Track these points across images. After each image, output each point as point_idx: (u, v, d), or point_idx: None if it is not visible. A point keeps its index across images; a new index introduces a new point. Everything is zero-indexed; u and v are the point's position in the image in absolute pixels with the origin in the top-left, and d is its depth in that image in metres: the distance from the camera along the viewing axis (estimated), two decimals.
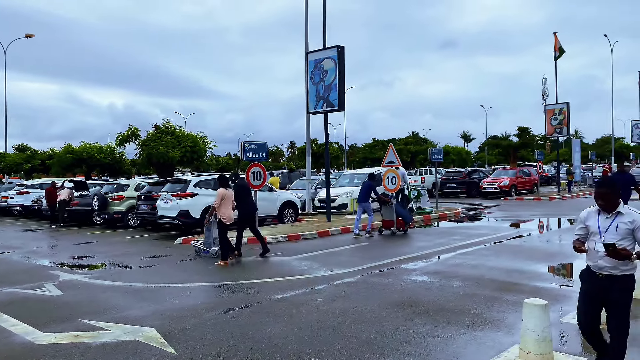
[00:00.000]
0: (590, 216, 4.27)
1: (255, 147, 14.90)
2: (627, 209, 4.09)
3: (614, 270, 4.05)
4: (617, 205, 4.10)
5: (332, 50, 16.53)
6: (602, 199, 4.11)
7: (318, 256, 10.96)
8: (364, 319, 6.22)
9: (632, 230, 4.01)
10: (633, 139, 52.01)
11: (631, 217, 4.03)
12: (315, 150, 53.97)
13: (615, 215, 4.09)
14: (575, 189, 33.29)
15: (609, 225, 4.09)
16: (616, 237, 4.01)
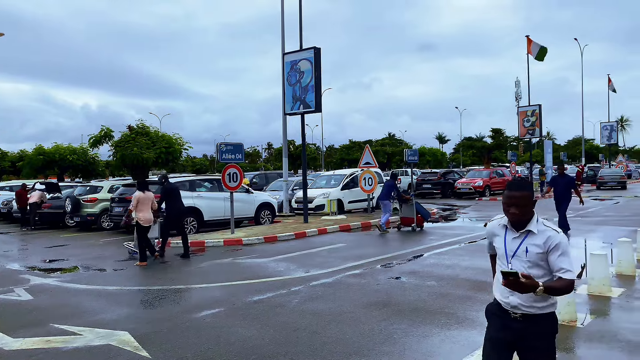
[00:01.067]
0: (496, 231, 3.22)
1: (231, 149, 14.84)
2: (541, 225, 3.03)
3: (532, 309, 2.99)
4: (530, 220, 3.04)
5: (309, 51, 16.55)
6: (515, 206, 3.00)
7: (295, 257, 10.96)
8: (340, 319, 6.24)
9: (545, 254, 2.96)
10: (602, 140, 53.46)
11: (544, 235, 2.98)
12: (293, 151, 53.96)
13: (525, 235, 3.03)
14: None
15: (517, 247, 3.04)
16: (525, 265, 3.00)
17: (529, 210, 3.04)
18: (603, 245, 11.18)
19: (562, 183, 12.97)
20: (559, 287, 2.88)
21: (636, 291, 7.21)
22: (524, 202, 3.01)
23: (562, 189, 12.94)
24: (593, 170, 42.02)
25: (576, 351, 5.01)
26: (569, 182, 13.03)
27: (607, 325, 5.76)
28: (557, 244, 2.95)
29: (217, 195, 15.68)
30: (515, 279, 2.79)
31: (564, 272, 2.90)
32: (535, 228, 3.03)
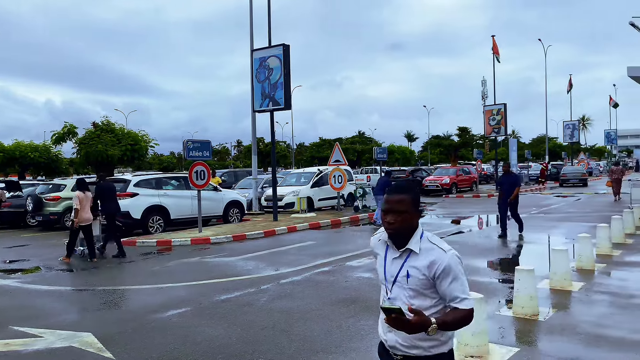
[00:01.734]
0: (377, 249, 2.57)
1: (198, 146, 14.67)
2: (425, 242, 2.38)
3: (415, 350, 2.37)
4: (412, 234, 2.39)
5: (278, 48, 16.47)
6: (391, 214, 2.37)
7: (264, 256, 10.90)
8: (308, 317, 6.24)
9: (432, 281, 2.33)
10: (565, 139, 54.98)
11: (428, 256, 2.33)
12: (262, 149, 53.69)
13: (407, 254, 2.38)
14: None
15: (398, 271, 2.39)
16: (407, 295, 2.36)
17: (410, 221, 2.36)
18: (565, 241, 11.51)
19: (508, 182, 12.94)
20: (456, 321, 2.30)
21: (595, 285, 7.44)
22: (402, 208, 2.34)
23: (509, 188, 12.88)
24: (556, 168, 43.17)
25: (538, 344, 5.14)
26: (515, 180, 13.07)
27: (567, 318, 5.93)
28: (445, 269, 2.30)
29: (184, 194, 15.47)
30: (398, 315, 2.15)
31: (459, 301, 2.30)
32: (417, 246, 2.36)
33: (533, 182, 39.51)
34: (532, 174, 41.12)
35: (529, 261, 9.00)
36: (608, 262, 9.03)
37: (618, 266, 8.73)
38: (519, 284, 6.01)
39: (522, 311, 5.96)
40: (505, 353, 4.80)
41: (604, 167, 58.36)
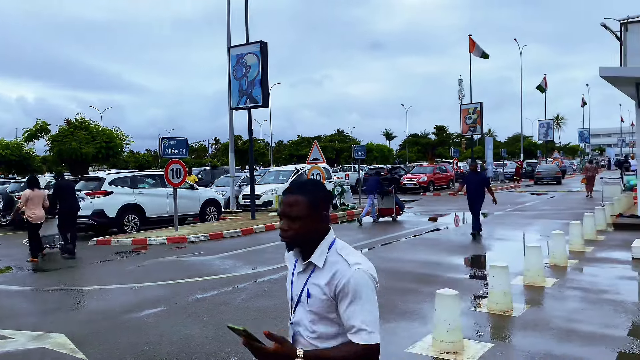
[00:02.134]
0: (289, 259, 2.12)
1: (174, 143, 14.51)
2: (333, 254, 1.93)
3: None
4: (316, 243, 1.95)
5: (255, 45, 16.37)
6: (286, 219, 1.94)
7: (241, 254, 10.84)
8: (285, 315, 6.22)
9: (334, 300, 1.88)
10: (540, 137, 55.96)
11: (331, 269, 1.89)
12: (240, 146, 53.33)
13: (311, 269, 1.95)
14: None
15: (302, 288, 1.97)
16: (309, 319, 1.94)
17: (308, 229, 1.91)
18: (539, 238, 11.71)
19: (475, 181, 12.45)
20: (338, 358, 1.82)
21: (568, 281, 7.58)
22: (297, 212, 1.90)
23: (475, 187, 12.40)
24: (531, 166, 43.92)
25: (512, 340, 5.22)
26: (482, 180, 12.56)
27: (540, 314, 6.03)
28: (344, 287, 1.83)
29: (159, 192, 15.28)
30: (247, 339, 1.85)
31: (355, 331, 1.83)
32: (322, 258, 1.92)
33: (508, 180, 40.14)
34: (508, 172, 41.74)
35: (504, 258, 9.12)
36: (580, 258, 9.21)
37: (590, 262, 8.91)
38: (493, 280, 6.09)
39: (496, 307, 6.04)
40: (479, 349, 4.86)
41: (577, 166, 59.65)
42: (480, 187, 12.33)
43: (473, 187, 12.42)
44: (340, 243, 2.00)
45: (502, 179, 39.87)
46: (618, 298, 6.58)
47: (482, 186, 12.37)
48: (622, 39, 13.97)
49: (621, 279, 7.74)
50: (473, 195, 12.43)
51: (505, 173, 41.24)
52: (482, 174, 13.19)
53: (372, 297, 1.88)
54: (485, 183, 12.53)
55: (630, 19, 13.83)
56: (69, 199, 11.40)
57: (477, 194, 12.34)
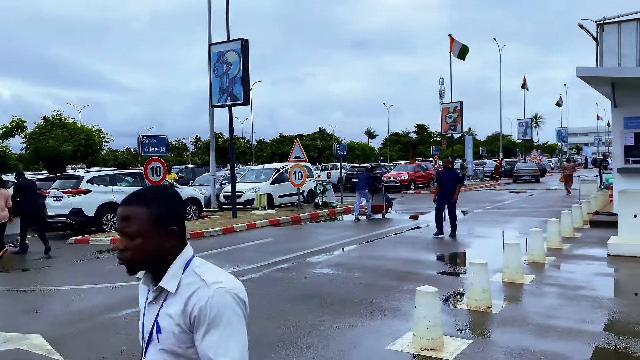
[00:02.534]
0: (141, 288, 1.72)
1: (154, 141, 14.36)
2: (190, 275, 1.56)
3: None
4: (166, 265, 1.58)
5: (236, 43, 16.28)
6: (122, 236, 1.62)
7: (222, 253, 10.78)
8: (266, 314, 6.21)
9: (190, 331, 1.51)
10: (518, 136, 56.68)
11: (186, 293, 1.53)
12: (221, 144, 53.02)
13: (163, 297, 1.58)
14: (468, 182, 35.56)
15: (153, 322, 1.59)
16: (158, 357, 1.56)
17: (149, 248, 1.56)
18: (517, 235, 11.87)
19: (449, 178, 12.29)
20: None
21: (545, 278, 7.70)
22: (136, 228, 1.56)
23: (449, 185, 12.23)
24: (510, 165, 44.51)
25: (491, 336, 5.28)
26: (455, 177, 12.45)
27: (519, 310, 6.11)
28: (201, 311, 1.48)
29: None
30: None
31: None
32: (174, 282, 1.55)
33: (488, 178, 40.62)
34: (487, 171, 42.24)
35: (483, 255, 9.21)
36: (558, 255, 9.37)
37: (567, 259, 9.07)
38: (472, 277, 6.15)
39: (475, 304, 6.11)
40: (459, 345, 4.90)
41: (555, 164, 60.67)
42: (453, 184, 12.19)
43: (447, 185, 12.23)
44: (198, 260, 1.61)
45: (482, 177, 40.34)
46: (594, 294, 6.70)
47: (456, 183, 12.25)
48: (598, 39, 14.23)
49: (597, 275, 7.89)
50: (447, 193, 12.24)
51: (485, 171, 41.74)
52: (455, 171, 12.98)
53: (236, 324, 1.49)
54: (458, 180, 12.46)
55: (606, 20, 14.09)
56: (30, 198, 11.25)
57: (452, 191, 12.17)
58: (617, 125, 13.95)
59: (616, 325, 5.49)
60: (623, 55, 13.92)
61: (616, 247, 9.12)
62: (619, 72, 13.04)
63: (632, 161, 13.68)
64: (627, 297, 6.82)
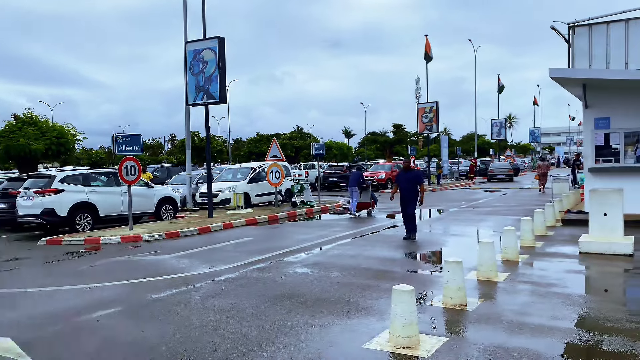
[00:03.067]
0: None
1: (129, 140, 14.15)
2: None
3: None
4: None
5: (212, 41, 16.14)
6: None
7: (198, 253, 10.68)
8: (242, 314, 6.17)
9: None
10: (493, 136, 57.53)
11: None
12: (197, 143, 52.52)
13: None
14: (444, 181, 35.97)
15: None
16: None
17: None
18: (492, 234, 12.05)
19: (407, 179, 11.49)
20: None
21: (519, 275, 7.83)
22: None
23: (408, 186, 11.48)
24: (485, 164, 45.16)
25: (466, 333, 5.34)
26: (415, 178, 11.55)
27: (493, 308, 6.20)
28: None
29: (113, 190, 14.86)
30: None
31: None
32: None
33: (463, 178, 41.19)
34: (462, 170, 42.85)
35: (458, 253, 9.34)
36: (531, 253, 9.54)
37: (540, 257, 9.24)
38: (448, 275, 6.22)
39: (451, 302, 6.17)
40: (435, 343, 4.95)
41: (529, 164, 61.82)
42: (413, 186, 11.42)
43: (405, 186, 11.49)
44: None
45: (457, 176, 40.90)
46: (566, 291, 6.84)
47: (415, 184, 11.45)
48: (570, 41, 14.53)
49: (569, 272, 8.06)
50: (406, 194, 11.49)
51: (460, 171, 42.32)
52: (416, 172, 11.95)
53: None
54: (418, 181, 11.55)
55: (577, 23, 14.39)
56: None
57: (411, 193, 11.42)
58: (588, 126, 14.27)
59: (587, 321, 5.62)
60: (594, 57, 14.25)
61: (587, 245, 9.33)
62: (589, 74, 13.35)
63: (602, 161, 14.02)
64: (598, 293, 6.98)
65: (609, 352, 4.68)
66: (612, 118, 13.79)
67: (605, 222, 9.28)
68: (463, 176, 41.70)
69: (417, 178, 11.57)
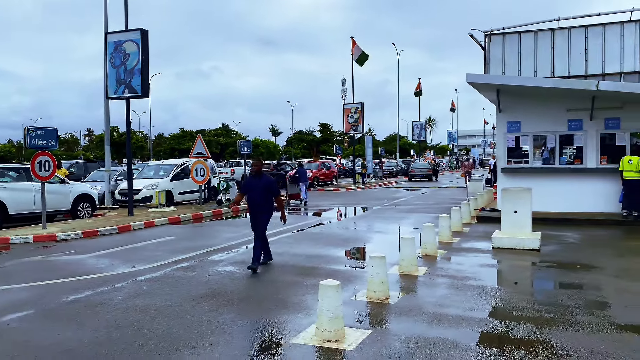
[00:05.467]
0: None
1: (42, 134, 13.34)
2: None
3: None
4: None
5: (135, 33, 15.55)
6: None
7: (118, 252, 10.28)
8: (166, 313, 6.04)
9: None
10: (414, 137, 59.67)
11: None
12: (117, 139, 50.36)
13: None
14: (368, 180, 36.89)
15: None
16: None
17: None
18: (412, 230, 12.54)
19: (260, 187, 8.47)
20: None
21: (437, 269, 8.22)
22: None
23: (259, 197, 8.50)
24: (406, 164, 46.86)
25: (388, 325, 5.55)
26: (268, 186, 8.57)
27: (414, 300, 6.48)
28: None
29: (25, 186, 13.95)
30: None
31: None
32: None
33: (386, 177, 42.54)
34: (386, 170, 44.35)
35: (382, 249, 9.64)
36: (448, 248, 10.03)
37: (456, 252, 9.74)
38: (372, 270, 6.43)
39: (374, 296, 6.38)
40: (359, 336, 5.10)
41: (447, 164, 64.90)
42: (265, 197, 8.55)
43: (255, 197, 8.53)
44: None
45: (381, 175, 42.18)
46: (480, 284, 7.27)
47: (269, 195, 8.60)
48: (486, 48, 15.39)
49: (483, 266, 8.56)
50: (256, 207, 8.56)
51: (384, 170, 43.70)
52: (267, 178, 8.84)
53: None
54: (272, 190, 8.62)
55: (493, 31, 15.28)
56: None
57: (262, 206, 8.54)
58: (501, 129, 15.19)
59: (499, 311, 6.01)
60: (507, 65, 15.20)
61: (499, 241, 9.95)
62: (502, 80, 14.23)
63: (513, 162, 14.98)
64: (508, 285, 7.48)
65: (518, 339, 5.04)
66: (522, 122, 14.77)
67: (516, 219, 9.94)
68: (386, 175, 43.36)
69: (270, 187, 8.61)
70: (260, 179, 8.60)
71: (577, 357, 4.51)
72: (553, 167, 14.48)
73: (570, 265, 8.38)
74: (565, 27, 14.72)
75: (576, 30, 14.60)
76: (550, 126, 14.45)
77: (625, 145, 13.80)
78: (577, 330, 5.23)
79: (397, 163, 50.84)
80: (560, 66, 14.68)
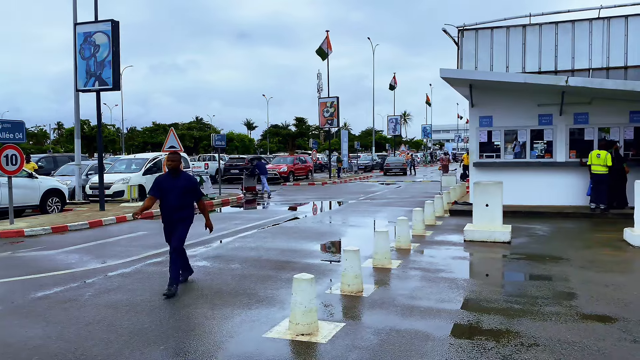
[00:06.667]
0: None
1: (9, 127, 13.00)
2: None
3: None
4: None
5: (106, 24, 15.23)
6: None
7: (89, 248, 10.10)
8: (138, 309, 5.96)
9: None
10: (389, 132, 60.05)
11: None
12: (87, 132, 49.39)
13: None
14: (344, 174, 36.99)
15: None
16: None
17: None
18: (386, 224, 12.63)
19: (178, 188, 6.77)
20: None
21: (411, 262, 8.30)
22: None
23: (177, 199, 6.80)
24: (382, 159, 47.18)
25: (362, 318, 5.58)
26: (190, 186, 6.90)
27: (387, 293, 6.53)
28: None
29: None
30: None
31: None
32: None
33: (362, 171, 42.77)
34: (361, 164, 44.62)
35: (356, 242, 9.68)
36: (422, 241, 10.14)
37: (429, 245, 9.85)
38: (346, 263, 6.46)
39: (348, 289, 6.41)
40: (332, 329, 5.12)
41: (421, 159, 65.58)
42: (184, 199, 6.86)
43: (174, 199, 6.80)
44: None
45: (356, 170, 42.39)
46: (452, 276, 7.38)
47: (191, 197, 6.98)
48: (459, 44, 15.55)
49: (455, 259, 8.68)
50: (171, 213, 6.87)
51: (359, 165, 43.95)
52: (187, 175, 7.00)
53: None
54: (194, 192, 7.00)
55: (466, 27, 15.44)
56: None
57: (180, 211, 6.87)
58: (473, 123, 15.40)
59: (470, 303, 6.11)
60: (479, 60, 15.38)
61: (471, 234, 10.11)
62: (475, 75, 14.40)
63: (485, 156, 15.21)
64: (480, 278, 7.60)
65: (488, 330, 5.13)
66: (494, 117, 15.00)
67: (487, 212, 10.10)
68: (362, 169, 43.70)
69: (192, 188, 6.94)
70: (178, 178, 6.81)
71: (545, 347, 4.62)
72: (524, 161, 14.75)
73: (539, 258, 8.56)
74: (536, 24, 14.98)
75: (546, 26, 14.86)
76: (522, 121, 14.71)
77: (594, 139, 14.15)
78: (545, 320, 5.36)
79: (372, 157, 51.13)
80: (531, 62, 14.93)
